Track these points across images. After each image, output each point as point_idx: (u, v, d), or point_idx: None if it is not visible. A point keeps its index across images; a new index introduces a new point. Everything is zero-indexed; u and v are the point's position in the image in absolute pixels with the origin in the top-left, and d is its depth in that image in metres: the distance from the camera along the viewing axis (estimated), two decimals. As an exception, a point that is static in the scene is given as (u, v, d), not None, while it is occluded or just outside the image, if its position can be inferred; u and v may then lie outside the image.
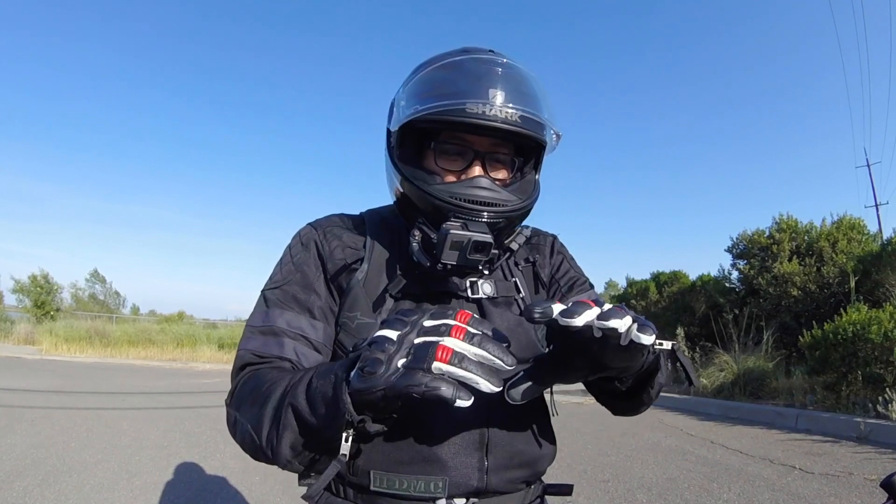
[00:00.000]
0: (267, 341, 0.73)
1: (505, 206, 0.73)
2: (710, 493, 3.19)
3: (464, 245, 0.68)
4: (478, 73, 0.73)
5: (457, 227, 0.69)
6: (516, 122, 0.71)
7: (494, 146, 0.76)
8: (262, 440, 0.61)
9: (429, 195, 0.72)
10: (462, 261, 0.70)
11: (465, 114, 0.69)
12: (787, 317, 8.28)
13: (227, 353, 13.78)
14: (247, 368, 0.71)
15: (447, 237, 0.68)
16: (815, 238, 8.77)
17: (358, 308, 0.75)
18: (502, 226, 0.73)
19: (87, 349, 13.09)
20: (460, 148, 0.76)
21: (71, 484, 3.14)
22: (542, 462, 0.78)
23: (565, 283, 0.88)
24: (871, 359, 5.46)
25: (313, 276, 0.78)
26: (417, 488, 0.68)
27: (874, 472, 3.47)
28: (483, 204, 0.71)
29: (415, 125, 0.74)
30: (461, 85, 0.72)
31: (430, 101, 0.72)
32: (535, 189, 0.80)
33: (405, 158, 0.78)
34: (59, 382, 7.68)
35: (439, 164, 0.76)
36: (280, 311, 0.75)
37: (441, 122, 0.72)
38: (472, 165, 0.75)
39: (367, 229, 0.82)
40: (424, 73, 0.76)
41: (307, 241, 0.81)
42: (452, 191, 0.72)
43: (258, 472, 3.47)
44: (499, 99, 0.70)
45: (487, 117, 0.69)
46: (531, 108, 0.73)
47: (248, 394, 0.66)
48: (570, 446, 4.31)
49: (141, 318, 20.58)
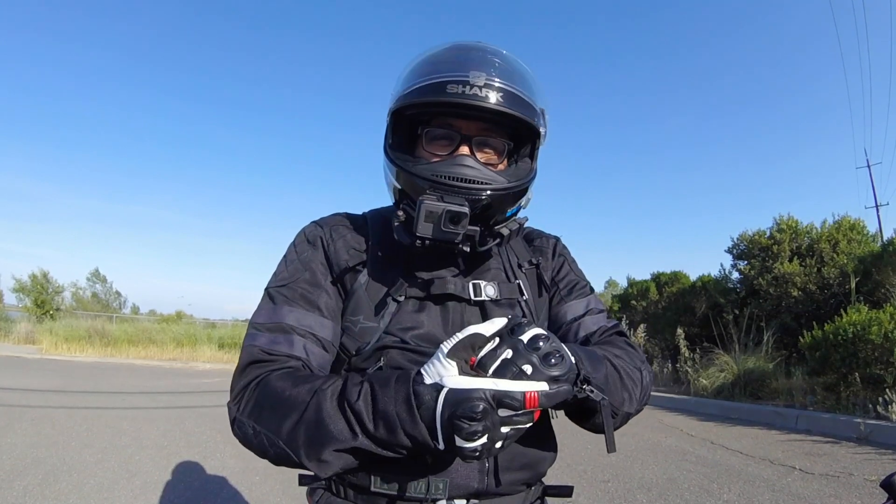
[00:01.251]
0: (276, 338, 0.71)
1: (489, 184, 0.72)
2: (711, 493, 3.19)
3: (438, 216, 0.67)
4: (461, 57, 0.74)
5: (432, 198, 0.68)
6: (499, 101, 0.70)
7: (483, 130, 0.76)
8: (303, 457, 0.60)
9: (411, 174, 0.72)
10: (437, 233, 0.68)
11: (446, 94, 0.69)
12: (788, 317, 8.27)
13: (226, 352, 13.76)
14: (253, 366, 0.69)
15: (421, 207, 0.67)
16: (816, 239, 8.76)
17: (361, 312, 0.75)
18: (486, 202, 0.71)
19: (88, 349, 13.07)
20: (448, 132, 0.76)
21: (71, 483, 3.14)
22: (543, 464, 0.78)
23: (565, 285, 0.88)
24: (871, 359, 5.45)
25: (321, 274, 0.77)
26: (418, 489, 0.68)
27: (874, 473, 3.46)
28: (464, 181, 0.70)
29: (404, 113, 0.75)
30: (443, 68, 0.72)
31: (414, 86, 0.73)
32: (529, 174, 0.78)
33: (397, 148, 0.78)
34: (59, 382, 7.67)
35: (427, 148, 0.77)
36: (289, 309, 0.74)
37: (426, 104, 0.73)
38: (458, 148, 0.75)
39: (370, 230, 0.82)
40: (412, 65, 0.77)
41: (314, 239, 0.81)
42: (435, 168, 0.72)
43: (258, 471, 3.47)
44: (481, 80, 0.70)
45: (468, 96, 0.69)
46: (515, 87, 0.72)
47: (269, 405, 0.63)
48: (570, 447, 4.30)
49: (141, 317, 20.57)
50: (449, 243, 0.70)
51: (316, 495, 0.76)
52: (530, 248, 0.91)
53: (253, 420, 0.64)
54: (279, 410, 0.62)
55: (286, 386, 0.63)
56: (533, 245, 0.92)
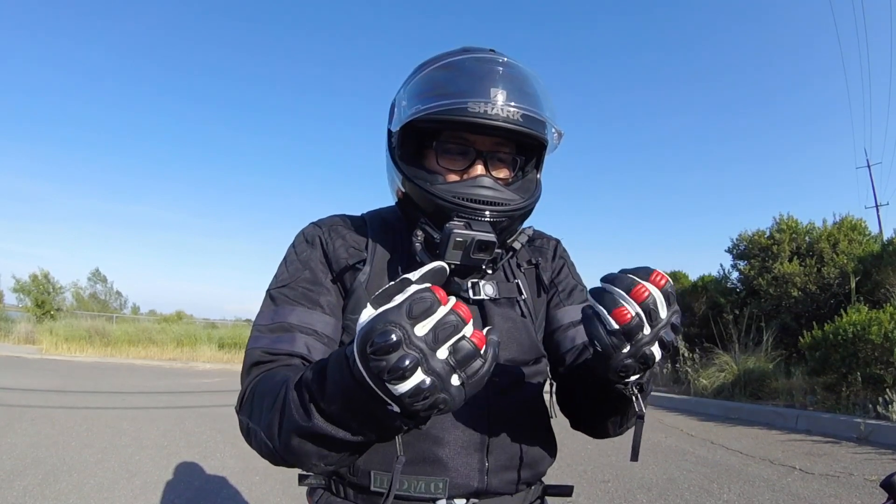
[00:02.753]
0: (278, 338, 0.72)
1: (508, 205, 0.73)
2: (711, 493, 3.19)
3: (467, 245, 0.68)
4: (479, 72, 0.73)
5: (460, 226, 0.69)
6: (518, 121, 0.71)
7: (496, 145, 0.76)
8: (280, 449, 0.58)
9: (431, 195, 0.72)
10: (466, 260, 0.69)
11: (468, 113, 0.69)
12: (788, 317, 8.27)
13: (227, 352, 13.76)
14: (255, 368, 0.70)
15: (451, 237, 0.67)
16: (816, 239, 8.76)
17: (360, 310, 0.74)
18: (505, 225, 0.73)
19: (88, 349, 13.07)
20: (462, 147, 0.76)
21: (71, 483, 3.14)
22: (543, 463, 0.78)
23: (563, 288, 0.88)
24: (871, 359, 5.46)
25: (321, 273, 0.78)
26: (418, 489, 0.68)
27: (874, 473, 3.46)
28: (486, 203, 0.71)
29: (416, 125, 0.74)
30: (462, 84, 0.72)
31: (432, 100, 0.72)
32: (537, 188, 0.80)
33: (406, 158, 0.78)
34: (59, 382, 7.68)
35: (441, 163, 0.76)
36: (291, 308, 0.74)
37: (443, 121, 0.72)
38: (473, 165, 0.75)
39: (369, 231, 0.82)
40: (425, 73, 0.76)
41: (312, 239, 0.81)
42: (455, 190, 0.72)
43: (258, 471, 3.47)
44: (500, 98, 0.70)
45: (489, 116, 0.70)
46: (533, 107, 0.73)
47: (259, 399, 0.64)
48: (570, 446, 4.30)
49: (141, 317, 20.57)
50: (475, 269, 0.73)
51: (315, 495, 0.76)
52: (530, 247, 0.91)
53: (248, 417, 0.65)
54: (264, 403, 0.61)
55: (279, 380, 0.63)
56: (533, 245, 0.92)
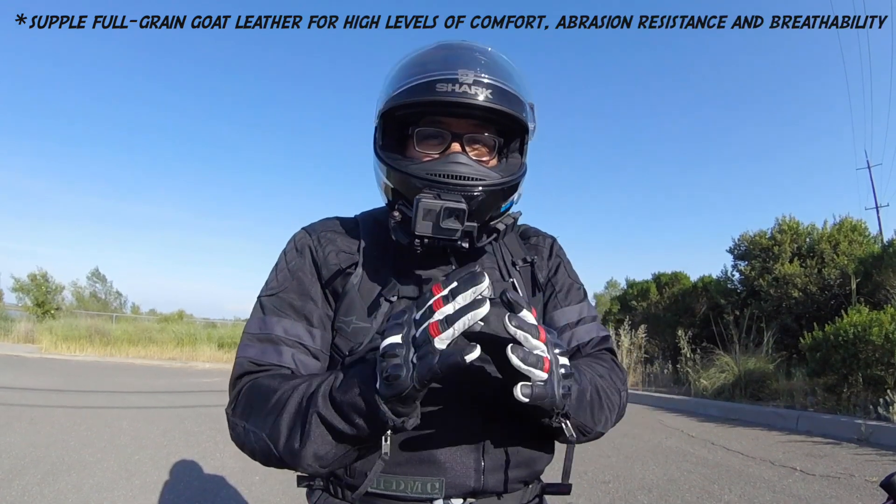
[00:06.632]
0: (265, 349, 0.73)
1: (483, 180, 0.72)
2: (711, 494, 3.18)
3: (437, 213, 0.67)
4: (448, 56, 0.75)
5: (429, 196, 0.68)
6: (488, 98, 0.71)
7: (473, 127, 0.76)
8: (280, 449, 0.62)
9: (406, 174, 0.72)
10: (436, 231, 0.68)
11: (436, 92, 0.70)
12: (788, 318, 8.27)
13: (226, 352, 13.77)
14: (245, 377, 0.72)
15: (419, 205, 0.67)
16: (817, 240, 8.76)
17: (353, 312, 0.75)
18: (480, 198, 0.71)
19: (87, 348, 13.08)
20: (437, 130, 0.76)
21: (70, 483, 3.14)
22: (540, 462, 0.78)
23: (560, 288, 0.87)
24: (871, 360, 5.45)
25: (309, 283, 0.78)
26: (414, 489, 0.68)
27: (875, 474, 3.46)
28: (459, 178, 0.71)
29: (394, 114, 0.75)
30: (431, 67, 0.73)
31: (403, 86, 0.73)
32: (520, 169, 0.78)
33: (388, 149, 0.78)
34: (58, 381, 7.68)
35: (418, 148, 0.77)
36: (277, 319, 0.75)
37: (415, 104, 0.73)
38: (450, 146, 0.75)
39: (361, 232, 0.82)
40: (399, 66, 0.78)
41: (301, 247, 0.81)
42: (429, 168, 0.72)
43: (257, 471, 3.47)
44: (470, 77, 0.70)
45: (457, 94, 0.70)
46: (503, 83, 0.73)
47: (257, 403, 0.66)
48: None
49: (141, 317, 20.58)
50: (448, 241, 0.70)
51: (314, 496, 0.76)
52: (526, 245, 0.91)
53: (244, 419, 0.67)
54: (265, 406, 0.65)
55: (274, 384, 0.67)
56: (529, 242, 0.91)
